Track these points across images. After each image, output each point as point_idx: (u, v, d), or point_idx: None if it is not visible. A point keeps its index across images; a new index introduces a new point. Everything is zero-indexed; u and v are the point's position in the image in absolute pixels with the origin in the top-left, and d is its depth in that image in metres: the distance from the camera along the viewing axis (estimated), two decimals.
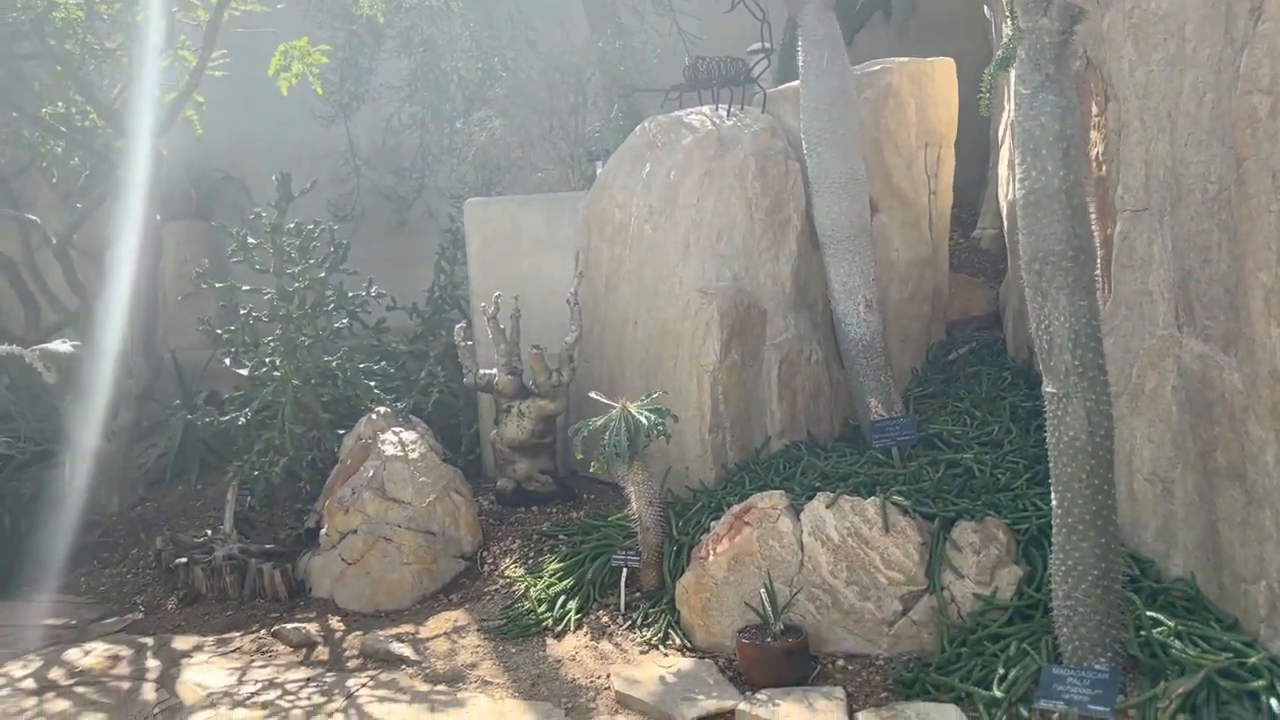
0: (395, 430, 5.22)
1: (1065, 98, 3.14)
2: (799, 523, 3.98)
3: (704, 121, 5.54)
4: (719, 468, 4.96)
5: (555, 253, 5.92)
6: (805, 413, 5.23)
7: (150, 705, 3.86)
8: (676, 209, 5.31)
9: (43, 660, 4.43)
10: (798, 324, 5.25)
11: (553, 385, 5.30)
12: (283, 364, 5.44)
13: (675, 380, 5.11)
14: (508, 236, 5.98)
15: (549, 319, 5.74)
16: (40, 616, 5.12)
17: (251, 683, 4.04)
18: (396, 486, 4.94)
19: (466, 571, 4.88)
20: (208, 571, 5.07)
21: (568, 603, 4.34)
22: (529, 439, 5.34)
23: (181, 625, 4.82)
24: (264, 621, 4.74)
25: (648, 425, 4.20)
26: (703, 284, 5.09)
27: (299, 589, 5.00)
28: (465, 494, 5.10)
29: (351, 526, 4.90)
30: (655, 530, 4.38)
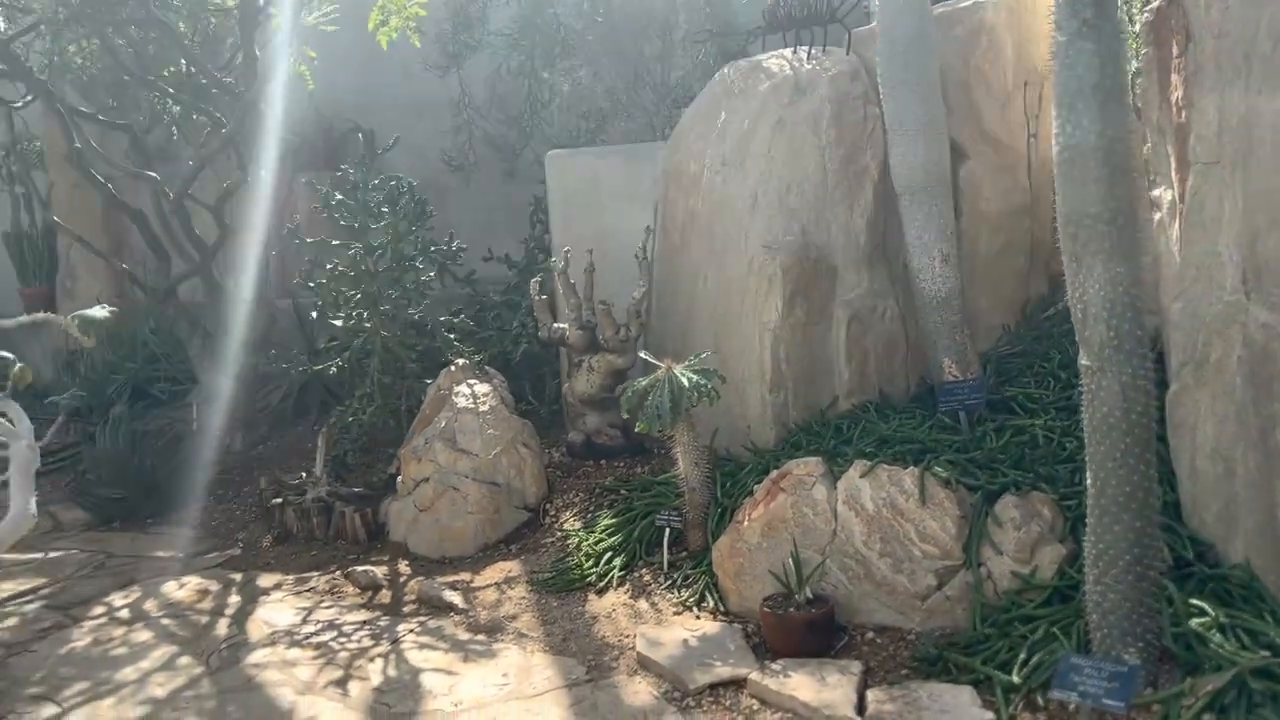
0: (470, 383, 5.37)
1: (1106, 45, 2.86)
2: (834, 491, 3.88)
3: (782, 66, 5.34)
4: (779, 428, 4.86)
5: (635, 205, 5.88)
6: (877, 372, 5.05)
7: (219, 640, 4.16)
8: (748, 159, 5.17)
9: (142, 591, 4.85)
10: (872, 279, 5.05)
11: (621, 340, 5.31)
12: (370, 316, 5.66)
13: (740, 338, 5.02)
14: (588, 189, 5.98)
15: (629, 272, 5.72)
16: (154, 548, 5.60)
17: (313, 623, 4.30)
18: (466, 438, 5.09)
19: (528, 523, 5.00)
20: (298, 513, 5.39)
21: (613, 559, 4.39)
22: (598, 393, 5.38)
23: (270, 563, 5.17)
24: (342, 563, 5.02)
25: (689, 387, 4.15)
26: (769, 239, 4.95)
27: (379, 532, 5.26)
28: (533, 446, 5.21)
29: (424, 475, 5.10)
30: (701, 491, 4.36)
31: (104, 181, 6.94)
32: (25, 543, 5.86)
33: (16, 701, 3.65)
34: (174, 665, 3.93)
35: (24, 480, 3.06)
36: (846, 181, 5.03)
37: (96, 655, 4.08)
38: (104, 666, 3.95)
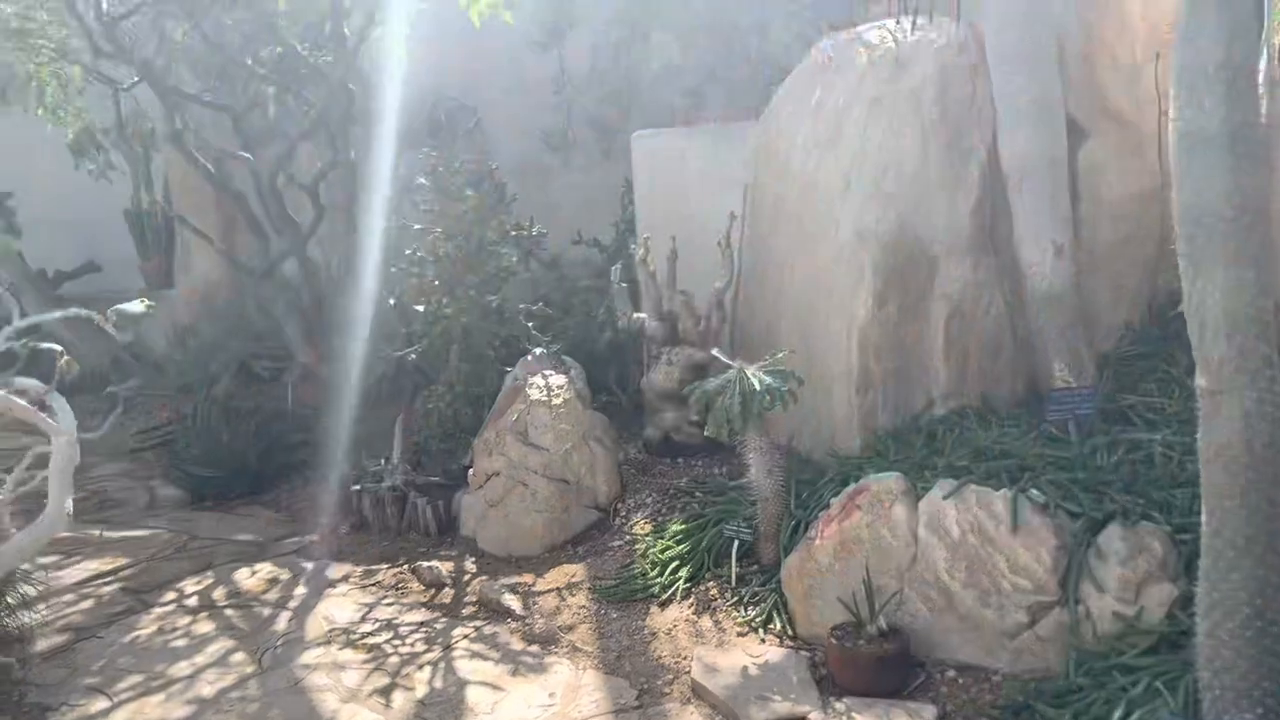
0: (546, 373, 5.18)
1: (1233, 15, 2.41)
2: (915, 511, 3.52)
3: (884, 38, 4.92)
4: (866, 432, 4.51)
5: (723, 189, 5.56)
6: (979, 373, 4.62)
7: (276, 636, 4.10)
8: (841, 140, 4.78)
9: (215, 578, 4.86)
10: (976, 271, 4.61)
11: (701, 333, 5.03)
12: (449, 302, 5.53)
13: (826, 333, 4.67)
14: (674, 171, 5.69)
15: (715, 260, 5.42)
16: (237, 530, 5.63)
17: (371, 621, 4.20)
18: (538, 432, 4.91)
19: (598, 523, 4.80)
20: (374, 501, 5.32)
21: (679, 570, 4.14)
22: (677, 387, 5.12)
23: (343, 552, 5.11)
24: (412, 555, 4.92)
25: (761, 391, 3.85)
26: (861, 226, 4.57)
27: (450, 525, 5.14)
28: (606, 443, 4.99)
29: (494, 469, 4.95)
30: (774, 501, 4.06)
31: (205, 162, 7.02)
32: (122, 520, 6.03)
33: (72, 693, 3.65)
34: (227, 662, 3.88)
35: (62, 478, 3.01)
36: (950, 164, 4.60)
37: (157, 646, 4.07)
38: (161, 659, 3.93)
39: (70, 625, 4.33)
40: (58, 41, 6.96)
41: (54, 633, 4.26)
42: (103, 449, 8.06)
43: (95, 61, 6.89)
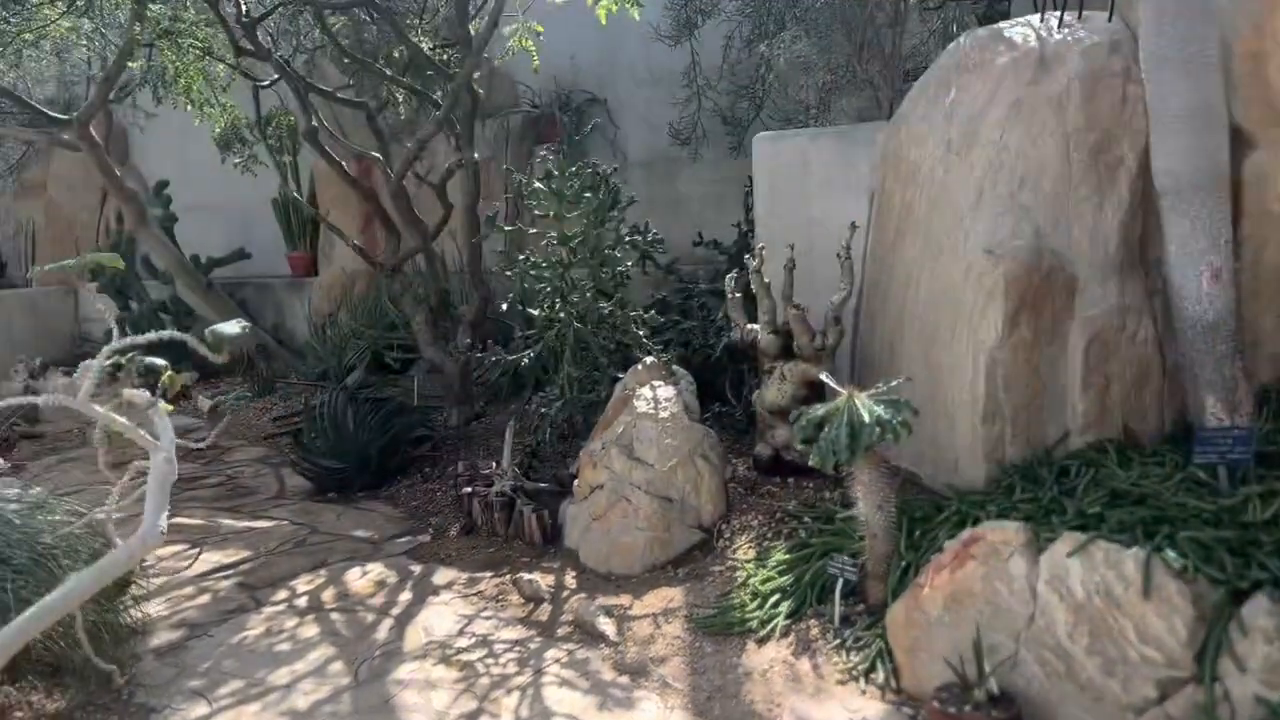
0: (654, 384, 5.05)
1: None
2: (1036, 565, 3.22)
3: (1027, 36, 4.54)
4: (991, 465, 4.19)
5: (848, 194, 5.29)
6: (1122, 404, 4.23)
7: (375, 646, 4.13)
8: (975, 146, 4.45)
9: (327, 576, 4.95)
10: (1122, 293, 4.21)
11: (817, 349, 4.79)
12: (561, 307, 5.47)
13: (951, 355, 4.37)
14: (796, 175, 5.44)
15: (837, 271, 5.17)
16: (355, 526, 5.74)
17: (468, 635, 4.18)
18: (643, 446, 4.79)
19: (701, 545, 4.64)
20: (483, 505, 5.33)
21: (780, 604, 3.95)
22: (789, 404, 4.90)
23: (451, 556, 5.13)
24: (515, 565, 4.90)
25: (870, 422, 3.60)
26: (992, 241, 4.24)
27: (556, 534, 5.09)
28: (713, 460, 4.82)
29: (598, 481, 4.86)
30: (884, 539, 3.82)
31: (338, 158, 7.18)
32: (250, 509, 6.25)
33: (176, 695, 3.76)
34: (325, 672, 3.92)
35: (159, 495, 3.07)
36: (1095, 175, 4.20)
37: (262, 649, 4.16)
38: (264, 664, 4.01)
39: (185, 621, 4.49)
40: (203, 39, 7.24)
41: (170, 628, 4.42)
42: (244, 433, 8.44)
43: (237, 59, 7.13)
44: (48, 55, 8.02)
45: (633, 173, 9.20)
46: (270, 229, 10.84)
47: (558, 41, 8.98)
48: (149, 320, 10.51)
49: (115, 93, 8.88)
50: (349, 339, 8.90)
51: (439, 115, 6.17)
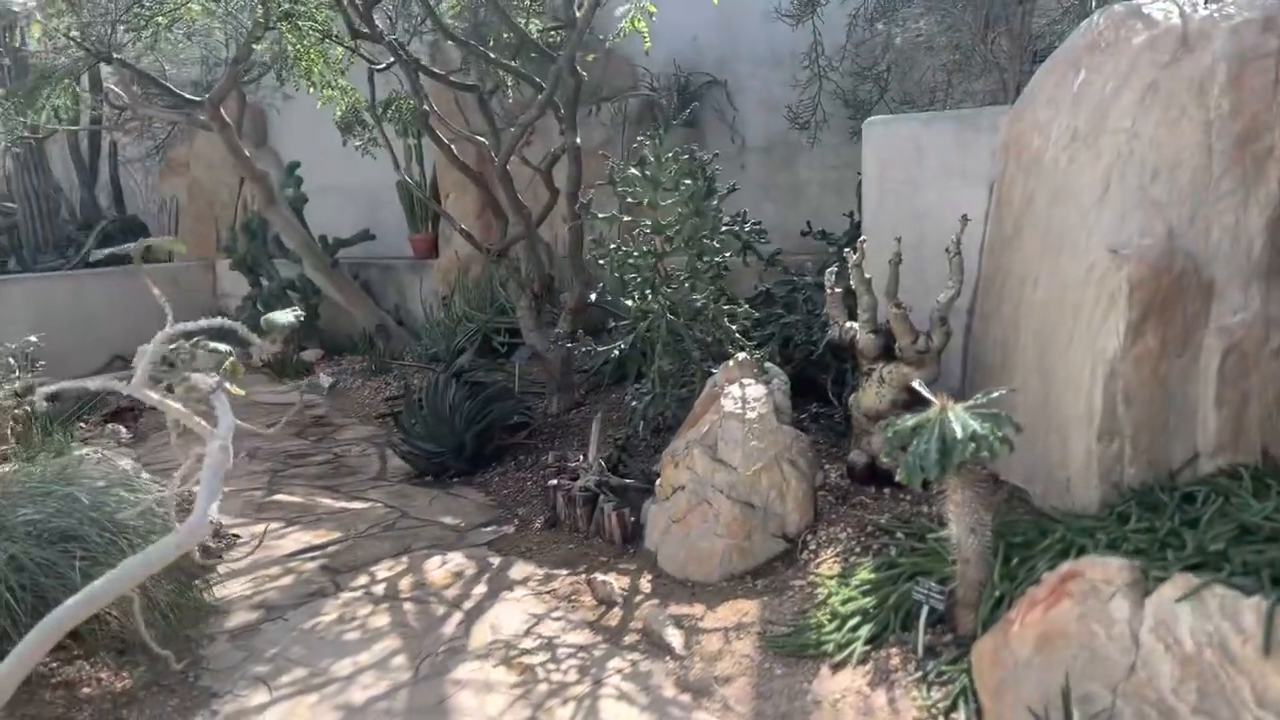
0: (744, 382, 4.80)
1: None
2: (1140, 610, 2.85)
3: (1168, 13, 4.06)
4: (1107, 487, 3.78)
5: (965, 183, 4.90)
6: (1261, 425, 3.75)
7: (441, 641, 4.05)
8: (1103, 134, 4.01)
9: (407, 564, 4.92)
10: (1266, 301, 3.73)
11: (919, 351, 4.44)
12: (653, 298, 5.28)
13: (1067, 362, 3.97)
14: (909, 162, 5.07)
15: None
16: (444, 512, 5.71)
17: (534, 636, 4.06)
18: (727, 448, 4.56)
19: (783, 555, 4.38)
20: (566, 499, 5.20)
21: (860, 628, 3.66)
22: (888, 409, 4.57)
23: (531, 550, 5.03)
24: (593, 563, 4.75)
25: (963, 438, 3.28)
26: (1118, 239, 3.81)
27: (636, 533, 4.91)
28: (801, 466, 4.55)
29: (679, 482, 4.66)
30: (977, 565, 3.48)
31: (447, 142, 7.17)
32: (348, 489, 6.31)
33: (240, 680, 3.77)
34: (387, 665, 3.87)
35: (212, 483, 3.03)
36: (1240, 168, 3.72)
37: (331, 637, 4.14)
38: (330, 653, 3.99)
39: (265, 602, 4.52)
40: (323, 21, 7.32)
41: (249, 608, 4.45)
42: (358, 411, 8.59)
43: (354, 42, 7.18)
44: (182, 39, 8.25)
45: (750, 157, 8.93)
46: (396, 211, 11.01)
47: (678, 22, 8.75)
48: (277, 297, 10.85)
49: (246, 75, 9.14)
50: (460, 321, 8.95)
51: (540, 99, 6.03)
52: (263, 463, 7.05)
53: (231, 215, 12.42)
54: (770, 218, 8.61)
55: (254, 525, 5.62)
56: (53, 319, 10.71)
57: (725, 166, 8.82)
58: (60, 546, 3.50)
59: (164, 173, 12.93)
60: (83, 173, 12.39)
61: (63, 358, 10.77)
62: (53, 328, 10.73)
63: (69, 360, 10.81)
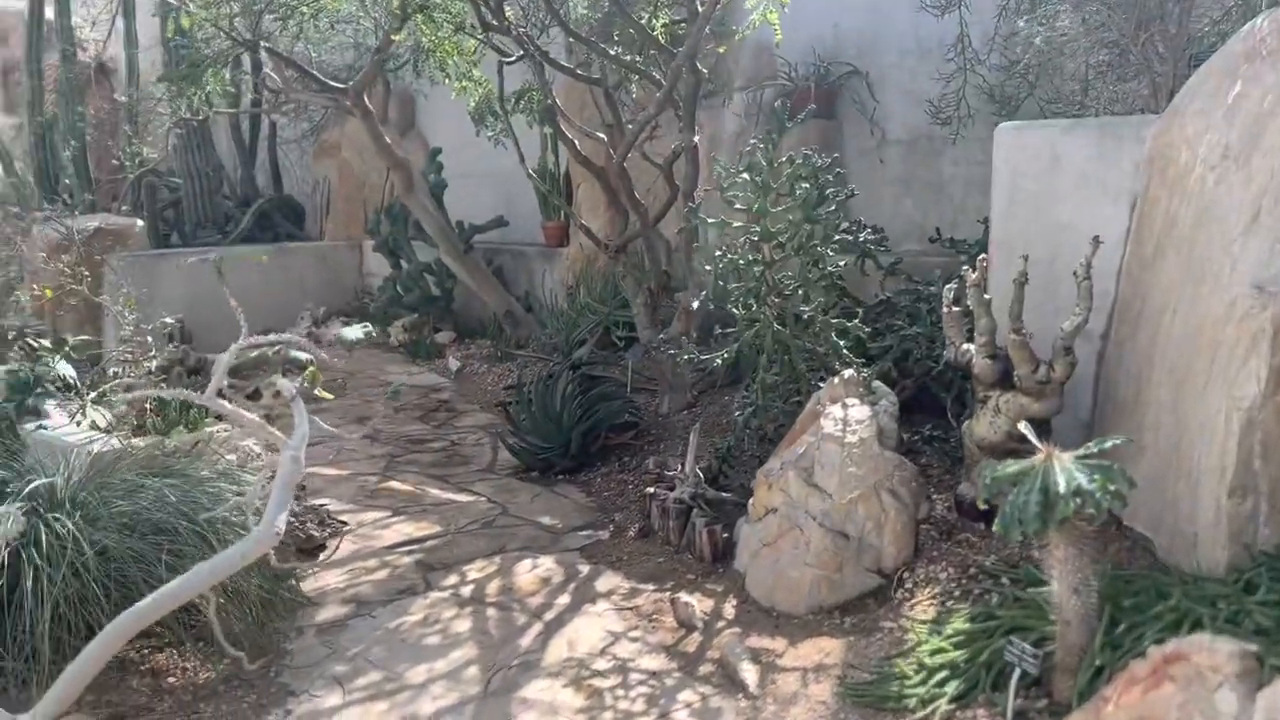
0: (848, 402, 4.56)
1: None
2: (1251, 705, 2.52)
3: None
4: (1236, 549, 3.39)
5: (1105, 198, 4.48)
6: None
7: (516, 654, 4.02)
8: (1256, 153, 3.58)
9: (498, 565, 4.93)
10: None
11: (1040, 382, 4.10)
12: (759, 308, 5.08)
13: (1202, 406, 3.58)
14: (1043, 172, 4.68)
15: None
16: (544, 512, 5.71)
17: (608, 657, 3.98)
18: (823, 472, 4.34)
19: (875, 592, 4.14)
20: (660, 509, 5.10)
21: (947, 683, 3.41)
22: (1002, 441, 4.25)
23: (621, 560, 4.95)
24: (679, 580, 4.64)
25: (1067, 493, 2.98)
26: (1264, 275, 3.40)
27: (727, 551, 4.76)
28: (903, 497, 4.29)
29: (772, 504, 4.48)
30: (1079, 628, 3.18)
31: (570, 136, 7.13)
32: (457, 480, 6.39)
33: (317, 680, 3.83)
34: (459, 676, 3.86)
35: (281, 494, 3.07)
36: None
37: (413, 640, 4.17)
38: (408, 657, 4.01)
39: (356, 597, 4.60)
40: (456, 14, 7.39)
41: (341, 602, 4.54)
42: (480, 398, 8.72)
43: (485, 34, 7.22)
44: (328, 28, 8.50)
45: (890, 151, 8.54)
46: (532, 198, 11.10)
47: (819, 9, 8.43)
48: (415, 280, 11.14)
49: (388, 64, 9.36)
50: (583, 312, 8.94)
51: (659, 96, 5.89)
52: (383, 446, 7.23)
53: (380, 197, 12.81)
54: (909, 215, 8.25)
55: (362, 513, 5.76)
56: (206, 293, 11.31)
57: (862, 161, 8.51)
58: (152, 539, 3.63)
59: (318, 154, 13.44)
60: (243, 152, 13.01)
61: (213, 330, 11.38)
62: (205, 302, 11.36)
63: (219, 333, 11.36)
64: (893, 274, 5.93)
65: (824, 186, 4.91)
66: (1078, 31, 4.90)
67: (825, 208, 5.03)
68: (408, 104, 12.86)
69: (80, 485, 3.85)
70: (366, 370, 10.10)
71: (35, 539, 3.42)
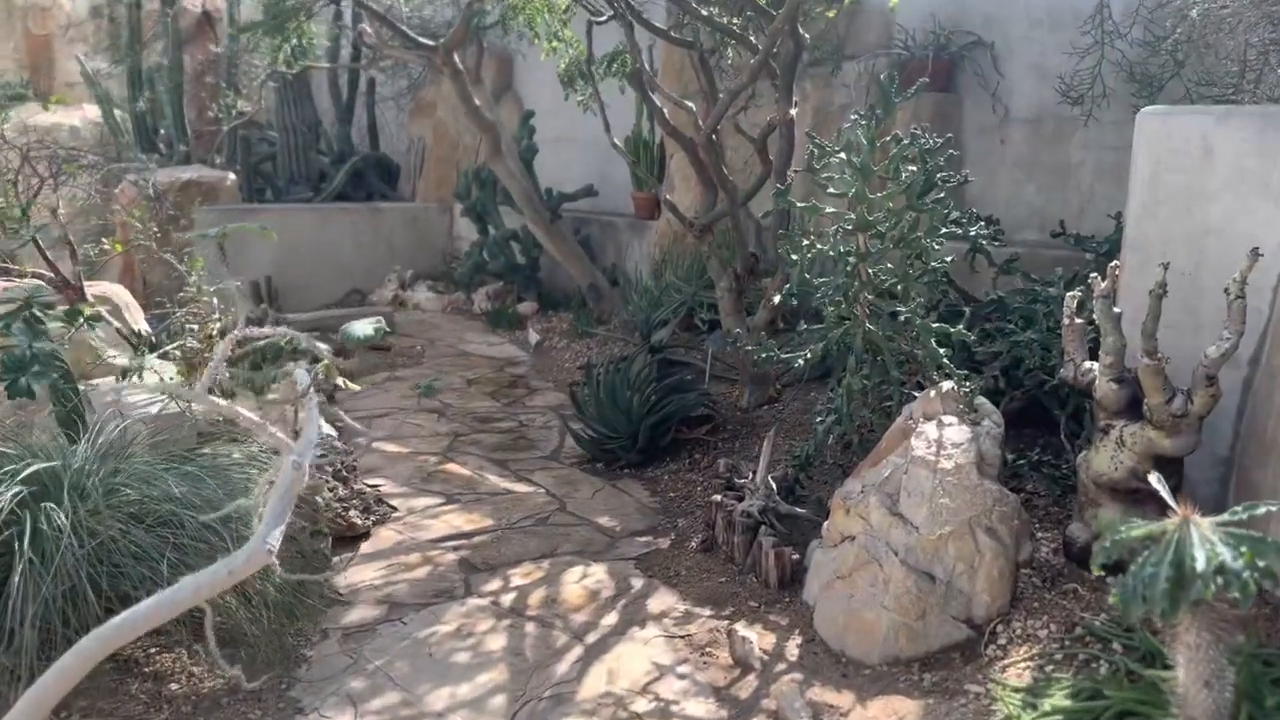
0: (943, 420, 4.00)
1: None
2: None
3: None
4: None
5: (1266, 200, 3.79)
6: None
7: (550, 682, 3.62)
8: None
9: (546, 571, 4.54)
10: None
11: (1175, 416, 3.48)
12: (848, 306, 4.54)
13: None
14: (1193, 165, 3.99)
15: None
16: (604, 511, 5.31)
17: (649, 696, 3.54)
18: (910, 501, 3.81)
19: (963, 645, 3.59)
20: (727, 522, 4.63)
21: None
22: (1125, 480, 3.65)
23: (679, 575, 4.51)
24: (740, 607, 4.17)
25: (1206, 572, 2.41)
26: None
27: (797, 576, 4.27)
28: (1002, 536, 3.71)
29: (850, 531, 3.96)
30: None
31: (659, 104, 6.64)
32: (520, 466, 6.03)
33: (330, 696, 3.50)
34: (483, 706, 3.48)
35: (279, 505, 2.71)
36: None
37: (441, 655, 3.81)
38: (432, 676, 3.66)
39: (390, 597, 4.27)
40: None
41: (374, 603, 4.22)
42: (556, 375, 8.36)
43: None
44: None
45: (1014, 130, 7.80)
46: (625, 167, 10.64)
47: None
48: (500, 247, 10.83)
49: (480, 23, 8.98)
50: (667, 290, 8.47)
51: (753, 64, 5.34)
52: (449, 423, 6.93)
53: (473, 160, 12.52)
54: (1030, 202, 7.55)
55: (415, 498, 5.46)
56: (297, 251, 11.22)
57: (981, 141, 7.81)
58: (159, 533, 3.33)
59: (414, 113, 13.21)
60: (340, 108, 12.86)
61: (304, 289, 11.32)
62: (296, 260, 11.27)
63: (310, 292, 11.33)
64: (1007, 272, 5.28)
65: (933, 171, 4.31)
66: (1243, 4, 4.16)
67: (933, 195, 4.44)
68: (505, 64, 12.51)
69: (97, 463, 3.56)
70: (445, 339, 9.86)
71: (34, 528, 3.15)
